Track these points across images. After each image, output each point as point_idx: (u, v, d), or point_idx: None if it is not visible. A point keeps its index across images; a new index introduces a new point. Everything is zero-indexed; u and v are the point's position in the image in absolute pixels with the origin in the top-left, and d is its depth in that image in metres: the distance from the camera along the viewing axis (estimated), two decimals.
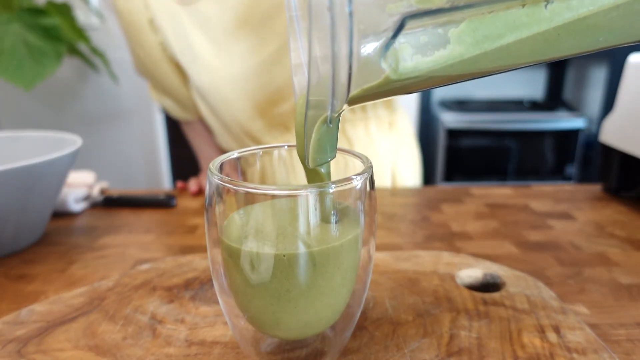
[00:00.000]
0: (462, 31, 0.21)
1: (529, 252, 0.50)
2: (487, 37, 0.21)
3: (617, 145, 0.64)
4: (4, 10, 1.34)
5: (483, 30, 0.21)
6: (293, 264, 0.25)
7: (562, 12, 0.21)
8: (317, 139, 0.26)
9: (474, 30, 0.21)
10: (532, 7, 0.21)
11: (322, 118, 0.25)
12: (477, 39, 0.21)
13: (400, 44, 0.21)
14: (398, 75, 0.22)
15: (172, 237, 0.56)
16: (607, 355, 0.31)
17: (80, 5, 1.66)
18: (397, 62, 0.22)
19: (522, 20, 0.21)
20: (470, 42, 0.21)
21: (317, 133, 0.25)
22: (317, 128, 0.25)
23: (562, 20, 0.21)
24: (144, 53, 0.78)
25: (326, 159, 0.27)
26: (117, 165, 1.97)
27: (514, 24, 0.21)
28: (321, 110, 0.24)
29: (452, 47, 0.22)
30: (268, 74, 0.70)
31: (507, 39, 0.21)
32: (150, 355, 0.32)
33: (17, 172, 0.45)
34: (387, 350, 0.32)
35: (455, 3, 0.21)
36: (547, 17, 0.21)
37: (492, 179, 2.23)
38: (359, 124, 0.78)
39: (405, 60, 0.22)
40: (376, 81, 0.22)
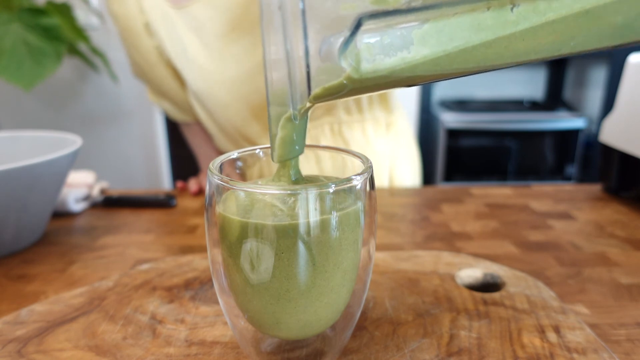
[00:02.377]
0: (425, 32, 0.21)
1: (529, 252, 0.50)
2: (451, 39, 0.21)
3: (617, 145, 0.64)
4: (4, 10, 1.34)
5: (447, 32, 0.21)
6: (293, 264, 0.25)
7: (528, 15, 0.21)
8: (282, 135, 0.26)
9: (438, 32, 0.21)
10: (498, 10, 0.21)
11: (287, 115, 0.25)
12: (441, 40, 0.21)
13: (362, 43, 0.21)
14: (359, 75, 0.22)
15: (172, 237, 0.56)
16: (607, 355, 0.31)
17: (80, 5, 1.66)
18: (358, 62, 0.22)
19: (487, 23, 0.21)
20: (434, 44, 0.21)
21: (282, 129, 0.26)
22: (282, 124, 0.26)
23: (528, 24, 0.21)
24: (140, 57, 0.78)
25: (292, 154, 0.27)
26: (117, 165, 1.97)
27: (479, 26, 0.21)
28: (284, 108, 0.25)
29: (415, 48, 0.21)
30: (262, 78, 0.70)
31: (472, 42, 0.21)
32: (150, 355, 0.32)
33: (17, 172, 0.45)
34: (387, 350, 0.32)
35: (412, 5, 0.21)
36: (513, 20, 0.21)
37: (492, 179, 2.23)
38: (356, 125, 0.78)
39: (367, 60, 0.22)
40: (338, 80, 0.22)
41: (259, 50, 0.69)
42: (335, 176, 0.29)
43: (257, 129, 0.76)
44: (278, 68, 0.23)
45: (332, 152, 0.32)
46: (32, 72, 1.33)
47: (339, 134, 0.77)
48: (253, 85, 0.71)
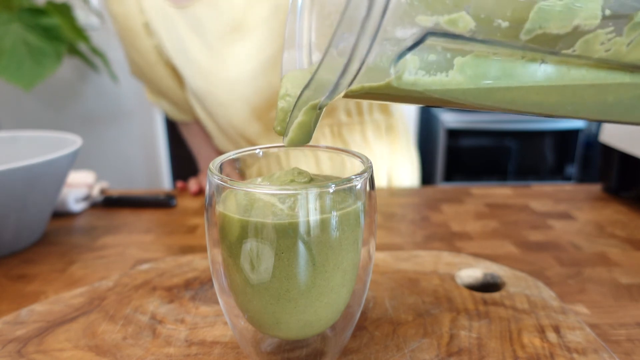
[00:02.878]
0: (466, 62, 0.23)
1: (529, 252, 0.50)
2: (484, 75, 0.23)
3: (617, 145, 0.64)
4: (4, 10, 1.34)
5: (484, 68, 0.23)
6: (293, 264, 0.25)
7: (550, 74, 0.23)
8: (303, 120, 0.26)
9: (476, 65, 0.23)
10: (529, 61, 0.23)
11: (314, 102, 0.25)
12: (476, 74, 0.23)
13: (412, 56, 0.22)
14: (399, 84, 0.23)
15: (172, 237, 0.56)
16: (607, 355, 0.31)
17: (80, 5, 1.66)
18: (402, 72, 0.22)
19: (517, 71, 0.23)
20: (469, 75, 0.23)
21: (304, 115, 0.26)
22: (306, 110, 0.26)
23: (547, 82, 0.23)
24: (139, 57, 0.78)
25: (304, 141, 0.27)
26: (117, 165, 1.97)
27: (509, 71, 0.23)
28: (317, 94, 0.25)
29: (453, 74, 0.23)
30: (264, 78, 0.70)
31: (499, 83, 0.23)
32: (150, 355, 0.32)
33: (17, 172, 0.45)
34: (387, 350, 0.32)
35: (475, 35, 0.22)
36: (537, 75, 0.23)
37: (492, 179, 2.23)
38: (356, 127, 0.78)
39: (410, 72, 0.22)
40: (378, 83, 0.23)
41: (260, 52, 0.69)
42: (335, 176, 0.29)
43: (256, 129, 0.76)
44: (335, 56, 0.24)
45: (331, 152, 0.32)
46: (32, 72, 1.33)
47: (339, 135, 0.77)
48: (253, 86, 0.71)
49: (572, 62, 0.23)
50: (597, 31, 0.21)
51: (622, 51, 0.22)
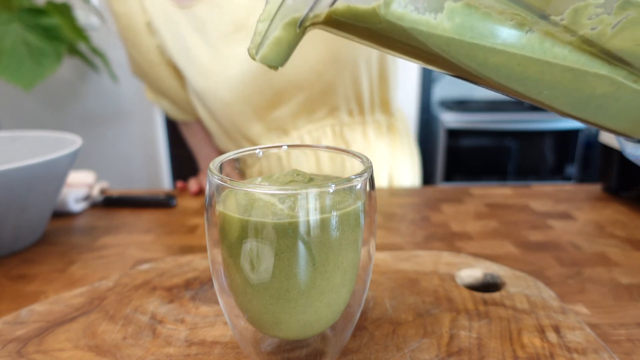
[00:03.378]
0: (456, 9, 0.21)
1: (529, 252, 0.50)
2: (471, 28, 0.22)
3: (617, 145, 0.64)
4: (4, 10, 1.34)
5: (472, 20, 0.22)
6: (293, 264, 0.25)
7: (534, 46, 0.22)
8: (280, 35, 0.24)
9: (465, 14, 0.21)
10: (517, 27, 0.22)
11: (295, 15, 0.24)
12: (463, 24, 0.22)
13: None
14: (385, 13, 0.21)
15: (172, 237, 0.56)
16: (607, 355, 0.31)
17: (80, 5, 1.66)
18: (391, 1, 0.21)
19: (503, 33, 0.22)
20: (456, 23, 0.22)
21: (283, 29, 0.24)
22: (285, 24, 0.24)
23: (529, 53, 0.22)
24: (141, 56, 0.78)
25: (277, 61, 0.25)
26: (117, 165, 1.97)
27: (496, 31, 0.22)
28: (299, 6, 0.23)
29: (441, 17, 0.22)
30: (266, 78, 0.70)
31: (484, 41, 0.22)
32: (150, 355, 0.32)
33: (17, 172, 0.45)
34: (387, 350, 0.32)
35: None
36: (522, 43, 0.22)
37: (492, 179, 2.23)
38: (357, 127, 0.78)
39: (399, 3, 0.21)
40: (364, 7, 0.22)
41: None
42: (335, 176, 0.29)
43: (258, 129, 0.76)
44: None
45: (332, 152, 0.32)
46: (32, 72, 1.32)
47: (341, 135, 0.78)
48: (255, 85, 0.71)
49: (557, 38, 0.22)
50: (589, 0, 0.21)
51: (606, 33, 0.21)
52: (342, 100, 0.75)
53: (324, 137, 0.77)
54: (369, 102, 0.78)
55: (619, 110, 0.24)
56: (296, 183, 0.27)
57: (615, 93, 0.23)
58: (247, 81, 0.71)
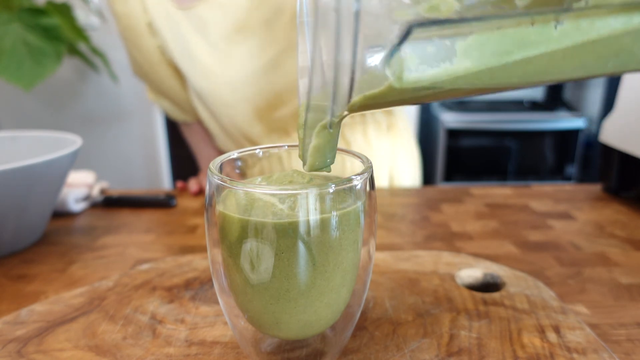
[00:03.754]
0: (469, 45, 0.21)
1: (529, 252, 0.50)
2: (494, 53, 0.21)
3: (617, 145, 0.64)
4: (4, 10, 1.34)
5: (491, 45, 0.21)
6: (293, 264, 0.25)
7: (572, 33, 0.21)
8: (316, 144, 0.25)
9: (481, 44, 0.21)
10: (542, 26, 0.21)
11: (322, 123, 0.25)
12: (484, 54, 0.21)
13: (406, 53, 0.21)
14: (401, 84, 0.21)
15: (172, 237, 0.56)
16: (607, 355, 0.31)
17: (80, 5, 1.66)
18: (401, 71, 0.21)
19: (531, 39, 0.21)
20: (477, 57, 0.21)
21: (316, 137, 0.25)
22: (316, 132, 0.25)
23: (571, 42, 0.21)
24: (142, 56, 0.78)
25: (324, 164, 0.26)
26: (117, 165, 1.97)
27: (522, 41, 0.21)
28: (322, 115, 0.24)
29: (458, 60, 0.21)
30: (267, 79, 0.70)
31: (514, 57, 0.21)
32: (150, 355, 0.32)
33: (17, 172, 0.45)
34: (387, 350, 0.32)
35: (464, 15, 0.20)
36: (556, 37, 0.21)
37: (492, 179, 2.23)
38: (357, 127, 0.78)
39: (410, 70, 0.21)
40: (379, 89, 0.22)
41: (264, 52, 0.69)
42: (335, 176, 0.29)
43: (259, 130, 0.76)
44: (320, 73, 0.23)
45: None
46: (32, 72, 1.32)
47: (341, 135, 0.78)
48: (257, 86, 0.71)
49: (592, 14, 0.20)
50: None
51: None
52: None
53: None
54: None
55: None
56: (296, 183, 0.27)
57: None
58: (248, 82, 0.71)
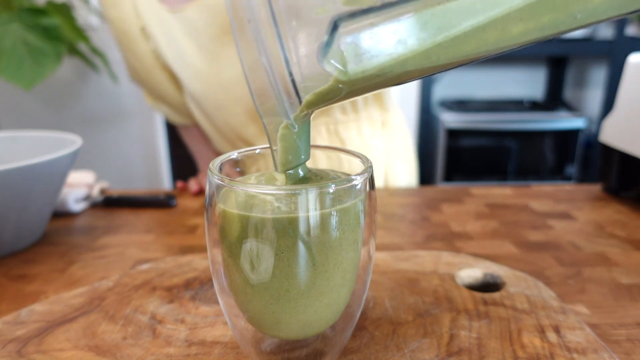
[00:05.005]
0: (410, 26, 0.20)
1: (529, 252, 0.50)
2: (439, 29, 0.20)
3: (617, 145, 0.64)
4: (4, 10, 1.34)
5: (434, 22, 0.20)
6: (293, 264, 0.25)
7: None
8: (284, 145, 0.25)
9: (424, 23, 0.20)
10: None
11: (283, 124, 0.24)
12: (429, 32, 0.20)
13: (346, 45, 0.21)
14: (348, 77, 0.21)
15: (172, 237, 0.56)
16: (607, 355, 0.31)
17: (80, 5, 1.66)
18: (344, 64, 0.21)
19: (477, 7, 0.19)
20: (421, 37, 0.20)
21: (282, 140, 0.25)
22: (281, 135, 0.25)
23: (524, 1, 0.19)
24: (137, 61, 0.78)
25: (297, 162, 0.26)
26: (117, 165, 1.97)
27: (467, 11, 0.19)
28: (278, 117, 0.24)
29: (401, 44, 0.20)
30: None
31: (463, 28, 0.20)
32: (150, 355, 0.32)
33: (17, 172, 0.45)
34: (387, 350, 0.32)
35: (387, 0, 0.20)
36: None
37: (492, 179, 2.23)
38: (352, 125, 0.78)
39: (353, 61, 0.21)
40: (327, 85, 0.22)
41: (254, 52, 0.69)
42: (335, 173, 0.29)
43: (253, 130, 0.76)
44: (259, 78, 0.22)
45: (329, 151, 0.32)
46: (32, 72, 1.32)
47: (335, 134, 0.77)
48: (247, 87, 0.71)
49: None
50: None
51: None
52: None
53: (319, 137, 0.77)
54: (362, 98, 0.77)
55: None
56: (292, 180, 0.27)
57: None
58: (240, 83, 0.71)
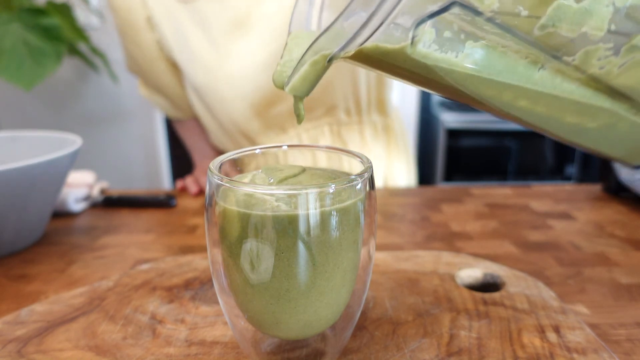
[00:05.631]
0: (476, 48, 0.23)
1: (529, 252, 0.50)
2: (488, 66, 0.23)
3: None
4: (4, 10, 1.34)
5: (490, 58, 0.23)
6: (293, 264, 0.25)
7: (545, 81, 0.24)
8: (308, 70, 0.26)
9: (485, 53, 0.23)
10: (530, 64, 0.24)
11: (325, 53, 0.25)
12: (482, 62, 0.23)
13: (431, 27, 0.23)
14: (412, 52, 0.23)
15: (172, 237, 0.56)
16: (607, 355, 0.31)
17: (80, 5, 1.66)
18: (418, 41, 0.23)
19: (518, 69, 0.24)
20: (475, 61, 0.23)
21: (313, 65, 0.26)
22: (316, 59, 0.26)
23: (540, 88, 0.24)
24: (139, 51, 0.77)
25: (304, 93, 0.27)
26: (117, 165, 1.97)
27: (511, 68, 0.23)
28: (332, 44, 0.25)
29: (462, 56, 0.23)
30: (265, 75, 0.70)
31: (500, 77, 0.24)
32: (150, 355, 0.32)
33: (17, 172, 0.45)
34: (387, 350, 0.32)
35: (494, 17, 0.22)
36: (534, 79, 0.24)
37: (492, 179, 2.23)
38: (354, 127, 0.79)
39: (424, 43, 0.23)
40: (393, 46, 0.23)
41: (264, 48, 0.69)
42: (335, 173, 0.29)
43: (256, 126, 0.76)
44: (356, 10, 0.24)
45: (329, 152, 0.32)
46: (32, 72, 1.32)
47: (338, 135, 0.78)
48: (255, 82, 0.71)
49: (567, 74, 0.24)
50: (599, 44, 0.23)
51: (613, 72, 0.23)
52: (340, 99, 0.75)
53: (322, 137, 0.77)
54: (366, 102, 0.78)
55: (618, 140, 0.27)
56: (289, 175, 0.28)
57: (616, 124, 0.26)
58: (247, 78, 0.71)
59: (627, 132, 0.26)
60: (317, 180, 0.28)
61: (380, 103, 0.80)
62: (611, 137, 0.27)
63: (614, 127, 0.26)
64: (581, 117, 0.25)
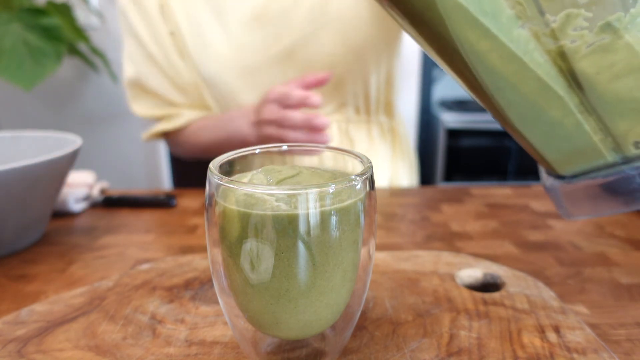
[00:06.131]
0: None
1: (529, 252, 0.50)
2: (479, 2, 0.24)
3: None
4: (4, 10, 1.34)
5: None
6: (293, 264, 0.25)
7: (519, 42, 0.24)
8: None
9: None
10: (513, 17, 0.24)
11: None
12: None
13: None
14: None
15: (172, 237, 0.56)
16: (607, 355, 0.31)
17: (80, 5, 1.66)
18: None
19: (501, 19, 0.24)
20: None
21: None
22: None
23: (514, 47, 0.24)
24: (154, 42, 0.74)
25: None
26: (117, 165, 1.97)
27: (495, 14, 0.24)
28: None
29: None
30: (279, 69, 0.70)
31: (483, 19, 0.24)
32: (150, 355, 0.32)
33: (17, 172, 0.45)
34: (387, 350, 0.32)
35: None
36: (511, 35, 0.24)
37: (492, 179, 2.23)
38: (362, 126, 0.79)
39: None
40: None
41: (278, 42, 0.69)
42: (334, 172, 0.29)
43: None
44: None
45: (334, 152, 0.32)
46: (32, 72, 1.32)
47: (346, 133, 0.78)
48: (267, 75, 0.71)
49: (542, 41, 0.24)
50: (581, 10, 0.22)
51: (580, 51, 0.23)
52: (350, 97, 0.75)
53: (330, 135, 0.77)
54: (375, 102, 0.78)
55: (559, 140, 0.27)
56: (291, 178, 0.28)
57: (563, 121, 0.25)
58: (259, 70, 0.71)
59: (570, 133, 0.26)
60: (316, 180, 0.28)
61: (388, 105, 0.81)
62: (555, 135, 0.26)
63: (561, 125, 0.26)
64: (536, 98, 0.25)
